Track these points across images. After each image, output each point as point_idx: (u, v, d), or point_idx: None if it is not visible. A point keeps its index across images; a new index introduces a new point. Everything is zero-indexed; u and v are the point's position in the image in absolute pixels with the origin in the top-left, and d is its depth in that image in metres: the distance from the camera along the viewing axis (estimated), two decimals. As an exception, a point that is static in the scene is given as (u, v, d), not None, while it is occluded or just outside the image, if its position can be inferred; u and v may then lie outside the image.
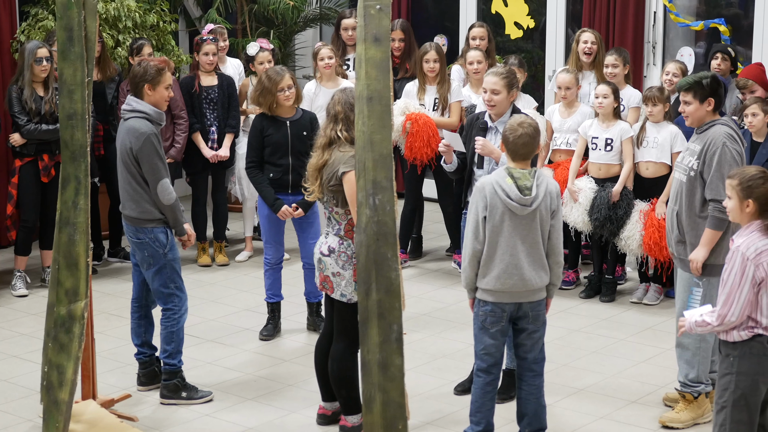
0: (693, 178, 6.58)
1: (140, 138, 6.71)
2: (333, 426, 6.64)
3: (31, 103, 8.83)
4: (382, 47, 5.44)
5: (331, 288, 6.38)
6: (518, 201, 5.98)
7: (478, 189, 6.08)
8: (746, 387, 5.43)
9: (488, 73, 7.09)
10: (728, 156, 6.44)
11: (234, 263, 9.98)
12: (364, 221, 5.42)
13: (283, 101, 7.83)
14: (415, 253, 10.10)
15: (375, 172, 5.40)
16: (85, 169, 6.23)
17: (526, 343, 6.22)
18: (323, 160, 6.36)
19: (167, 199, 6.79)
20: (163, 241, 6.84)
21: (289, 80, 7.82)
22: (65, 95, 6.25)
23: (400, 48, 10.13)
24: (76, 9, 6.21)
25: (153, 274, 6.88)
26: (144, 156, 6.73)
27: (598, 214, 8.72)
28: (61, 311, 6.15)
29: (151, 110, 6.80)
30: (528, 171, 6.06)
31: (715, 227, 6.46)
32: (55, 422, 6.02)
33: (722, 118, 6.63)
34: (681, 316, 6.53)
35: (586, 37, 9.41)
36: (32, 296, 9.01)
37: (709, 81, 6.59)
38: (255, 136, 7.94)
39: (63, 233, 6.22)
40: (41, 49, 8.84)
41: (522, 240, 6.05)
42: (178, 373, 7.01)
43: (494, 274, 6.07)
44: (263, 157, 7.91)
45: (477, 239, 6.08)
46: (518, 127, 6.08)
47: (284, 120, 7.87)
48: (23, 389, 7.18)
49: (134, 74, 6.86)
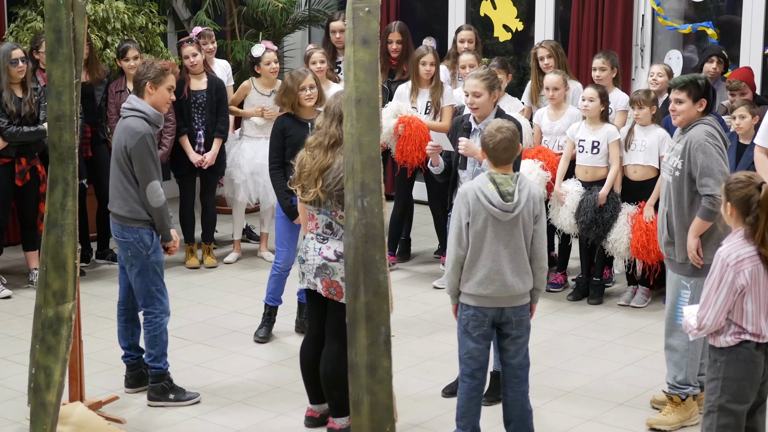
0: (679, 177, 6.60)
1: (135, 137, 6.71)
2: (321, 428, 6.64)
3: (11, 106, 8.78)
4: (370, 49, 5.44)
5: (339, 293, 6.34)
6: (500, 207, 5.97)
7: (461, 195, 6.07)
8: (733, 392, 5.44)
9: (468, 76, 7.13)
10: (712, 150, 6.48)
11: (222, 265, 9.98)
12: (352, 223, 5.41)
13: (304, 100, 7.78)
14: (403, 256, 10.10)
15: (363, 174, 5.40)
16: (73, 170, 6.21)
17: (510, 348, 6.21)
18: (327, 162, 6.31)
19: (156, 201, 6.78)
20: (148, 242, 6.84)
21: (311, 80, 7.79)
22: (53, 97, 6.24)
23: (397, 50, 10.12)
24: (65, 10, 6.19)
25: (135, 275, 6.88)
26: (137, 155, 6.72)
27: (584, 217, 8.73)
28: (49, 313, 6.14)
29: (150, 111, 6.80)
30: (510, 176, 6.03)
31: (705, 218, 6.48)
32: (42, 424, 6.00)
33: (706, 118, 6.64)
34: (677, 320, 6.58)
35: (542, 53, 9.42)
36: (19, 298, 8.99)
37: (704, 82, 6.63)
38: (276, 136, 7.85)
39: (51, 235, 6.20)
40: (16, 50, 8.79)
41: (505, 245, 6.04)
42: (165, 376, 7.00)
43: (476, 279, 6.06)
44: (285, 157, 7.86)
45: (460, 245, 6.07)
46: (497, 133, 6.05)
47: (306, 121, 7.81)
48: (10, 391, 7.16)
49: (138, 72, 6.88)
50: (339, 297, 6.34)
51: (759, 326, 5.37)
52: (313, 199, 6.35)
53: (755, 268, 5.32)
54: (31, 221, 9.18)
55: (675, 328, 6.64)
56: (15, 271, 9.55)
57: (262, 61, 9.68)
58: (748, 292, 5.33)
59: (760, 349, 5.43)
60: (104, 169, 9.73)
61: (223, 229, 10.71)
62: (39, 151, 9.00)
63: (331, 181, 6.25)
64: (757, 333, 5.38)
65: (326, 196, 6.30)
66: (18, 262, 9.77)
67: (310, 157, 6.37)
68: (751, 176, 5.40)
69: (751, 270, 5.32)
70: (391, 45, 10.05)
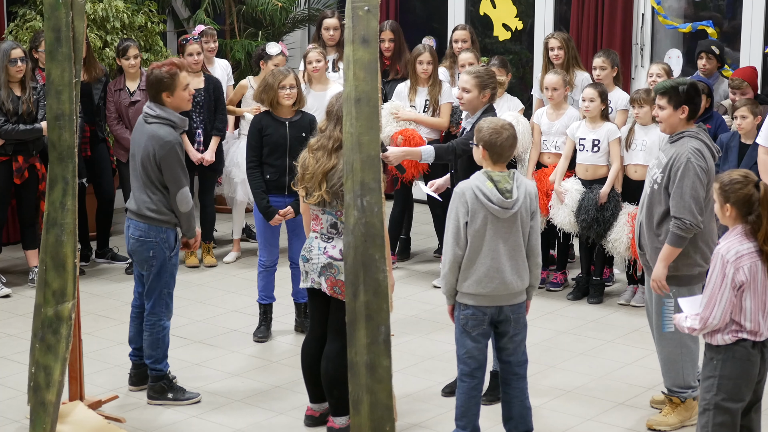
0: (656, 191, 6.49)
1: (165, 147, 6.69)
2: (321, 427, 6.64)
3: (8, 104, 8.78)
4: (370, 48, 5.44)
5: (344, 292, 6.35)
6: (500, 204, 5.97)
7: (458, 194, 6.05)
8: (729, 391, 5.45)
9: (463, 72, 7.12)
10: (691, 172, 6.31)
11: (222, 264, 9.97)
12: (352, 222, 5.41)
13: (282, 99, 7.79)
14: (403, 255, 10.10)
15: (363, 174, 5.40)
16: (72, 170, 6.21)
17: (509, 347, 6.21)
18: (331, 164, 6.30)
19: (185, 207, 6.81)
20: (172, 243, 6.86)
21: (292, 80, 7.79)
22: (53, 96, 6.24)
23: (389, 49, 10.11)
24: (64, 9, 6.19)
25: (153, 276, 6.87)
26: (167, 165, 6.72)
27: (585, 215, 8.72)
28: (49, 312, 6.13)
29: (176, 117, 6.79)
30: (507, 173, 6.04)
31: (674, 244, 6.37)
32: (42, 423, 6.00)
33: (692, 129, 6.47)
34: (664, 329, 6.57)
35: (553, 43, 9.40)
36: (19, 297, 8.99)
37: (685, 88, 6.46)
38: (254, 135, 7.87)
39: (50, 234, 6.20)
40: (15, 50, 8.80)
41: (504, 243, 6.03)
42: (165, 377, 7.00)
43: (475, 278, 6.05)
44: (262, 156, 7.87)
45: (458, 245, 6.05)
46: (502, 130, 6.05)
47: (284, 120, 7.83)
48: (10, 390, 7.16)
49: (149, 84, 6.82)
50: (344, 296, 6.33)
51: (757, 323, 5.38)
52: (318, 201, 6.36)
53: (754, 264, 5.33)
54: (31, 219, 9.18)
55: (663, 337, 6.63)
56: (14, 269, 9.55)
57: (272, 61, 9.67)
58: (747, 288, 5.34)
59: (756, 347, 5.44)
60: (103, 168, 9.77)
61: (222, 228, 10.71)
62: (38, 150, 9.00)
63: (336, 181, 6.25)
64: (755, 330, 5.39)
65: (331, 197, 6.30)
66: (17, 260, 9.76)
67: (313, 159, 6.37)
68: (746, 174, 5.40)
69: (749, 266, 5.33)
70: (383, 44, 10.02)
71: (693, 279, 6.51)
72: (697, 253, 6.46)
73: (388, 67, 10.13)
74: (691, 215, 6.31)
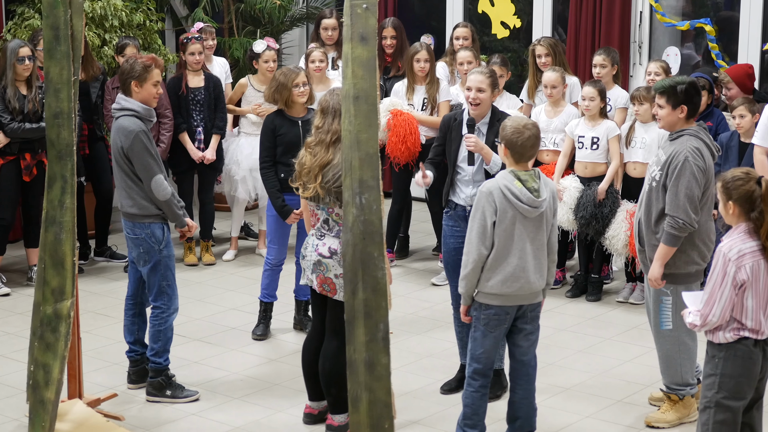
0: (655, 188, 6.49)
1: (129, 136, 6.72)
2: (320, 425, 6.64)
3: (14, 102, 8.80)
4: (368, 46, 5.44)
5: (333, 290, 6.35)
6: (530, 203, 5.95)
7: (485, 194, 5.98)
8: (730, 389, 5.45)
9: (473, 72, 7.08)
10: (688, 171, 6.30)
11: (220, 262, 9.98)
12: (350, 220, 5.41)
13: (297, 97, 7.78)
14: (401, 253, 10.10)
15: (361, 171, 5.40)
16: (71, 168, 6.21)
17: (523, 344, 6.21)
18: (327, 158, 6.30)
19: (162, 194, 6.80)
20: (159, 236, 6.86)
21: (303, 78, 7.79)
22: (51, 94, 6.24)
23: (392, 45, 10.10)
24: (63, 8, 6.19)
25: (148, 271, 6.90)
26: (135, 154, 6.73)
27: (584, 212, 8.72)
28: (48, 310, 6.13)
29: (140, 107, 6.80)
30: (532, 172, 6.03)
31: (669, 243, 6.37)
32: (41, 421, 6.00)
33: (692, 128, 6.46)
34: (662, 326, 6.56)
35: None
36: (18, 295, 8.99)
37: (684, 88, 6.45)
38: (267, 135, 7.83)
39: (49, 232, 6.20)
40: (23, 48, 8.82)
41: (531, 242, 6.02)
42: (164, 372, 7.01)
43: (501, 278, 6.02)
44: (276, 156, 7.87)
45: (484, 244, 5.99)
46: (524, 129, 6.00)
47: (296, 119, 7.82)
48: (9, 388, 7.16)
49: (122, 71, 6.88)
50: (332, 294, 6.35)
51: (759, 321, 5.38)
52: (313, 195, 6.36)
53: (756, 263, 5.33)
54: (37, 217, 9.16)
55: (661, 335, 6.63)
56: (13, 268, 9.55)
57: (261, 58, 9.69)
58: (749, 287, 5.34)
59: (758, 346, 5.44)
60: (102, 167, 9.77)
61: (221, 226, 10.71)
62: (44, 148, 8.99)
63: (331, 177, 6.25)
64: (756, 329, 5.39)
65: (325, 192, 6.30)
66: (16, 259, 9.77)
67: (311, 155, 6.37)
68: (748, 171, 5.41)
69: (752, 265, 5.33)
70: (385, 41, 10.03)
71: (690, 277, 6.51)
72: (694, 251, 6.47)
73: (390, 64, 10.13)
74: (685, 214, 6.31)
